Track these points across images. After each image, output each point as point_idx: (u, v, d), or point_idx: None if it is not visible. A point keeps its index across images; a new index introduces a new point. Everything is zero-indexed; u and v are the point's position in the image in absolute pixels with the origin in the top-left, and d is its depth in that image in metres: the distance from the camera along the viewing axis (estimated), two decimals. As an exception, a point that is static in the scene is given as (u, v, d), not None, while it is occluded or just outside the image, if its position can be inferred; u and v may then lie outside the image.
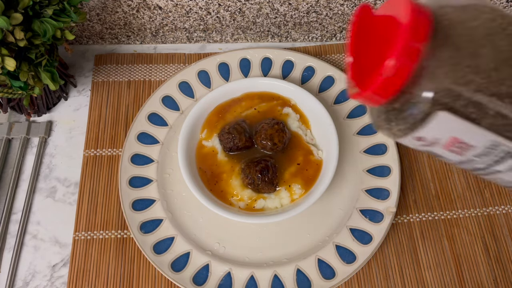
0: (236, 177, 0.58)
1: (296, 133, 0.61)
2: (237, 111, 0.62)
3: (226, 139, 0.58)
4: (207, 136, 0.61)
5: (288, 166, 0.59)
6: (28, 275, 0.57)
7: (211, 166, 0.59)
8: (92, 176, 0.63)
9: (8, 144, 0.65)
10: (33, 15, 0.50)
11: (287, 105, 0.63)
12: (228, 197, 0.57)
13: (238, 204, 0.57)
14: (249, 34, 0.74)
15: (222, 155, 0.59)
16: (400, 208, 0.61)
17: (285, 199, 0.57)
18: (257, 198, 0.57)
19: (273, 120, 0.59)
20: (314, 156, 0.59)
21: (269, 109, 0.63)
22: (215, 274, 0.55)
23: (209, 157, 0.60)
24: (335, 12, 0.68)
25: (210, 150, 0.60)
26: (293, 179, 0.58)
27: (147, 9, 0.66)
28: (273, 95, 0.63)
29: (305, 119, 0.63)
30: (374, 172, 0.61)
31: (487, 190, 0.62)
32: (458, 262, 0.58)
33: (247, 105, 0.63)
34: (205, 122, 0.62)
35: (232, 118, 0.62)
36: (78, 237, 0.59)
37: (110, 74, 0.71)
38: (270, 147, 0.58)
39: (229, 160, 0.59)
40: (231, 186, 0.57)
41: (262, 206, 0.57)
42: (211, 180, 0.58)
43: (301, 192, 0.57)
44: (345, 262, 0.55)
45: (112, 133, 0.66)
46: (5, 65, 0.47)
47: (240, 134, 0.58)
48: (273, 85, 0.63)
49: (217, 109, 0.62)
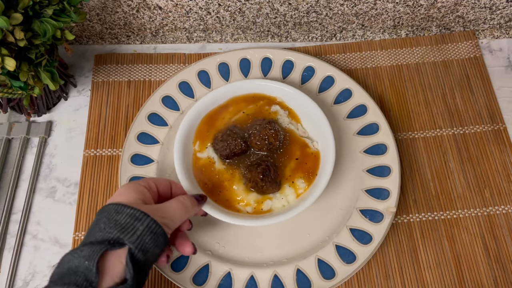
0: (238, 183, 0.57)
1: (288, 129, 0.61)
2: (226, 118, 0.61)
3: (221, 147, 0.57)
4: (201, 148, 0.60)
5: (287, 162, 0.59)
6: (28, 275, 0.57)
7: (210, 177, 0.58)
8: (92, 176, 0.63)
9: (8, 144, 0.65)
10: (33, 15, 0.50)
11: (274, 103, 0.63)
12: (234, 204, 0.56)
13: (245, 209, 0.56)
14: (249, 34, 0.74)
15: (219, 163, 0.58)
16: (400, 208, 0.61)
17: (290, 196, 0.57)
18: (263, 200, 0.56)
19: (264, 121, 0.59)
20: (311, 148, 0.59)
21: (257, 110, 0.62)
22: (215, 274, 0.55)
23: (207, 168, 0.58)
24: (335, 12, 0.68)
25: (206, 161, 0.59)
26: (294, 174, 0.58)
27: (147, 9, 0.66)
28: (259, 96, 0.63)
29: (294, 114, 0.63)
30: (374, 172, 0.61)
31: (487, 190, 0.62)
32: (458, 262, 0.58)
33: (235, 110, 0.62)
34: (195, 134, 0.60)
35: (222, 126, 0.61)
36: (78, 237, 0.59)
37: (110, 74, 0.71)
38: (266, 147, 0.58)
39: (228, 168, 0.58)
40: (235, 193, 0.57)
41: (269, 207, 0.56)
42: (213, 190, 0.57)
43: (305, 186, 0.57)
44: (345, 262, 0.55)
45: (112, 133, 0.66)
46: (5, 65, 0.47)
47: (234, 139, 0.57)
48: (257, 86, 0.63)
49: (205, 119, 0.61)
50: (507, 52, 0.73)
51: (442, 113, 0.67)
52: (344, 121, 0.64)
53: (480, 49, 0.72)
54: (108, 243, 0.39)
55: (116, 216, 0.41)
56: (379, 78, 0.70)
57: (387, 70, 0.71)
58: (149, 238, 0.41)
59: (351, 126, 0.64)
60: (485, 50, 0.73)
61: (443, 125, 0.66)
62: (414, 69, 0.71)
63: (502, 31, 0.73)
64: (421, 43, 0.73)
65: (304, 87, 0.67)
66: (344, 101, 0.66)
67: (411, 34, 0.74)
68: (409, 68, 0.71)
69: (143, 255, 0.40)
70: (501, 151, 0.64)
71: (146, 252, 0.40)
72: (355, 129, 0.64)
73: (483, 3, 0.67)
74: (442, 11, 0.69)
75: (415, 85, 0.70)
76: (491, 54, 0.73)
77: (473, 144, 0.65)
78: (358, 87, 0.66)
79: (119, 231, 0.40)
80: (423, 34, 0.75)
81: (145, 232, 0.40)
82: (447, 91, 0.69)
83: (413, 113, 0.67)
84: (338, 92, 0.66)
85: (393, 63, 0.72)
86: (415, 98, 0.69)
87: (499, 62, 0.72)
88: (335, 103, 0.66)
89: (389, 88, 0.70)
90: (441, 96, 0.69)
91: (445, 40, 0.73)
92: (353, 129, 0.64)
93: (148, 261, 0.41)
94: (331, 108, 0.65)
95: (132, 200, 0.44)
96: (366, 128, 0.64)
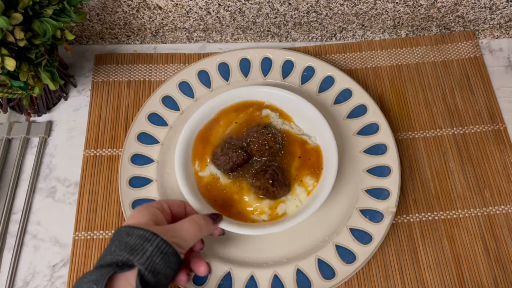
0: (248, 194, 0.57)
1: (284, 130, 0.61)
2: (219, 132, 0.61)
3: (223, 162, 0.57)
4: (201, 167, 0.59)
5: (291, 162, 0.59)
6: (28, 275, 0.57)
7: (218, 193, 0.57)
8: (92, 176, 0.63)
9: (8, 144, 0.65)
10: (33, 15, 0.50)
11: (263, 107, 0.62)
12: (249, 215, 0.56)
13: (260, 218, 0.56)
14: (249, 34, 0.74)
15: (224, 178, 0.58)
16: (400, 208, 0.61)
17: (302, 195, 0.57)
18: (276, 204, 0.56)
19: (259, 126, 0.59)
20: (310, 144, 0.60)
21: (249, 118, 0.62)
22: (215, 274, 0.55)
23: (212, 185, 0.58)
24: (335, 12, 0.68)
25: (209, 178, 0.58)
26: (301, 172, 0.58)
27: (147, 9, 0.66)
28: (247, 103, 0.62)
29: (285, 114, 0.63)
30: (374, 172, 0.61)
31: (487, 190, 0.62)
32: (458, 262, 0.58)
33: (226, 122, 0.61)
34: (193, 154, 0.59)
35: (218, 140, 0.60)
36: (78, 237, 0.59)
37: (110, 74, 0.71)
38: (268, 152, 0.58)
39: (234, 180, 0.58)
40: (247, 204, 0.56)
41: (284, 210, 0.56)
42: (225, 206, 0.56)
43: (313, 182, 0.57)
44: (345, 262, 0.55)
45: (112, 133, 0.66)
46: (5, 65, 0.47)
47: (234, 151, 0.57)
48: (242, 94, 0.62)
49: (199, 137, 0.60)
50: (507, 52, 0.73)
51: (442, 113, 0.67)
52: (344, 121, 0.64)
53: (480, 49, 0.72)
54: (117, 265, 0.38)
55: (126, 238, 0.41)
56: (379, 78, 0.70)
57: (387, 70, 0.71)
58: (159, 259, 0.40)
59: (351, 126, 0.64)
60: (485, 50, 0.73)
61: (443, 125, 0.66)
62: (414, 69, 0.71)
63: (502, 31, 0.73)
64: (421, 43, 0.73)
65: (304, 87, 0.67)
66: (344, 101, 0.66)
67: (411, 34, 0.74)
68: (409, 68, 0.71)
69: (153, 276, 0.39)
70: (501, 151, 0.64)
71: (157, 273, 0.39)
72: (355, 129, 0.64)
73: (483, 3, 0.67)
74: (442, 11, 0.69)
75: (415, 85, 0.70)
76: (491, 54, 0.73)
77: (473, 144, 0.65)
78: (358, 87, 0.66)
79: (128, 253, 0.39)
80: (423, 34, 0.75)
81: (154, 252, 0.40)
82: (447, 91, 0.69)
83: (413, 113, 0.67)
84: (338, 92, 0.66)
85: (393, 63, 0.72)
86: (415, 98, 0.69)
87: (499, 62, 0.72)
88: (335, 103, 0.66)
89: (389, 88, 0.70)
90: (441, 96, 0.69)
91: (445, 40, 0.73)
92: (353, 129, 0.64)
93: (160, 282, 0.40)
94: (331, 108, 0.65)
95: (144, 221, 0.43)
96: (366, 128, 0.64)
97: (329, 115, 0.64)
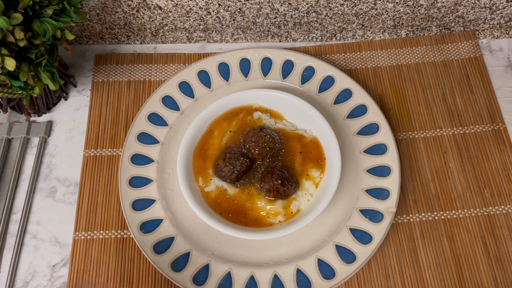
0: (258, 199, 0.57)
1: (278, 129, 0.61)
2: (216, 143, 0.61)
3: (228, 172, 0.57)
4: (205, 182, 0.59)
5: (294, 159, 0.59)
6: (28, 275, 0.57)
7: (229, 205, 0.57)
8: (92, 176, 0.63)
9: (8, 144, 0.65)
10: (33, 15, 0.50)
11: (253, 110, 0.63)
12: (265, 220, 0.56)
13: (276, 219, 0.56)
14: (249, 34, 0.74)
15: (231, 189, 0.58)
16: (400, 208, 0.61)
17: (311, 188, 0.58)
18: (288, 203, 0.57)
19: (254, 130, 0.59)
20: (307, 137, 0.60)
21: (242, 124, 0.62)
22: (215, 274, 0.55)
23: (221, 198, 0.58)
24: (335, 12, 0.68)
25: (217, 192, 0.58)
26: (305, 167, 0.58)
27: (147, 9, 0.66)
28: (236, 110, 0.63)
29: (275, 113, 0.63)
30: (374, 172, 0.61)
31: (487, 190, 0.62)
32: (458, 262, 0.58)
33: (221, 132, 0.61)
34: (194, 172, 0.59)
35: (216, 152, 0.60)
36: (78, 237, 0.59)
37: (110, 74, 0.71)
38: (269, 153, 0.58)
39: (242, 189, 0.58)
40: (260, 209, 0.57)
41: (297, 207, 0.57)
42: (239, 216, 0.56)
43: (319, 174, 0.58)
44: (345, 262, 0.55)
45: (112, 133, 0.66)
46: (5, 65, 0.47)
47: (237, 160, 0.57)
48: (228, 102, 0.62)
49: (196, 153, 0.60)
50: (507, 52, 0.73)
51: (442, 113, 0.67)
52: (344, 121, 0.64)
53: (480, 49, 0.72)
54: None
55: None
56: (379, 78, 0.70)
57: (387, 70, 0.71)
58: None
59: (351, 126, 0.64)
60: (485, 50, 0.73)
61: (443, 125, 0.66)
62: (414, 69, 0.71)
63: (502, 31, 0.73)
64: (421, 43, 0.73)
65: (304, 87, 0.67)
66: (344, 101, 0.66)
67: (411, 34, 0.74)
68: (409, 68, 0.71)
69: None
70: (501, 151, 0.64)
71: None
72: (355, 129, 0.64)
73: (483, 3, 0.67)
74: (442, 11, 0.69)
75: (415, 85, 0.70)
76: (491, 54, 0.73)
77: (473, 144, 0.65)
78: (358, 87, 0.66)
79: None
80: (423, 34, 0.75)
81: None
82: (447, 91, 0.69)
83: (413, 113, 0.67)
84: (338, 92, 0.66)
85: (393, 63, 0.72)
86: (415, 98, 0.69)
87: (499, 62, 0.72)
88: (335, 103, 0.66)
89: (389, 88, 0.70)
90: (441, 96, 0.69)
91: (445, 40, 0.73)
92: (353, 129, 0.64)
93: None
94: (331, 108, 0.65)
95: None
96: (366, 128, 0.64)
97: (329, 115, 0.64)
